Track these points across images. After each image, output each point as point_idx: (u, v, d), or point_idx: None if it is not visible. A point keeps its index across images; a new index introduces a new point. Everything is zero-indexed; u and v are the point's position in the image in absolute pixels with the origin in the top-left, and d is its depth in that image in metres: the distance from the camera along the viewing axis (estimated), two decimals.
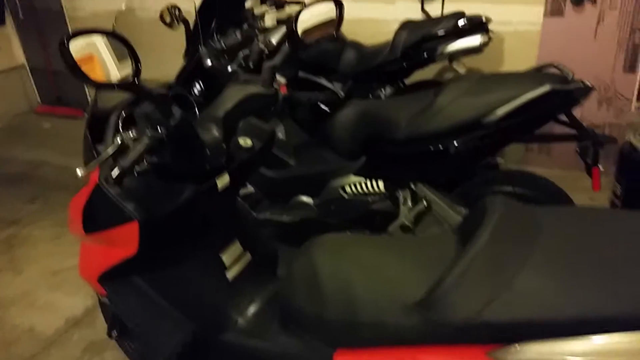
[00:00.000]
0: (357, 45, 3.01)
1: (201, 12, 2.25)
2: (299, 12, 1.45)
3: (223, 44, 2.33)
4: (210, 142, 1.26)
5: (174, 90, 1.44)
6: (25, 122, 4.85)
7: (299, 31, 1.43)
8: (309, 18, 1.47)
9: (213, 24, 2.30)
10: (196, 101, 1.45)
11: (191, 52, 2.30)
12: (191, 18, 2.24)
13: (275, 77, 1.41)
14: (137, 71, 1.06)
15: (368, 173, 2.13)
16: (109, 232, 1.24)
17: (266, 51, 2.24)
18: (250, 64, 2.16)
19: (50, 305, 2.42)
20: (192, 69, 2.25)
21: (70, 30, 4.49)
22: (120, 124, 1.18)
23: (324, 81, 2.92)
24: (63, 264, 2.65)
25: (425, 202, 2.04)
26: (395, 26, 2.81)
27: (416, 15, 3.10)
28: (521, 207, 1.06)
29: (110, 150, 1.07)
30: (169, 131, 1.12)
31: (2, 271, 2.68)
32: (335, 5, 1.50)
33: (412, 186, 2.08)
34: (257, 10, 2.79)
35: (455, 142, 1.88)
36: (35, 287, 2.54)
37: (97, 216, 1.26)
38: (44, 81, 4.92)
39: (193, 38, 2.25)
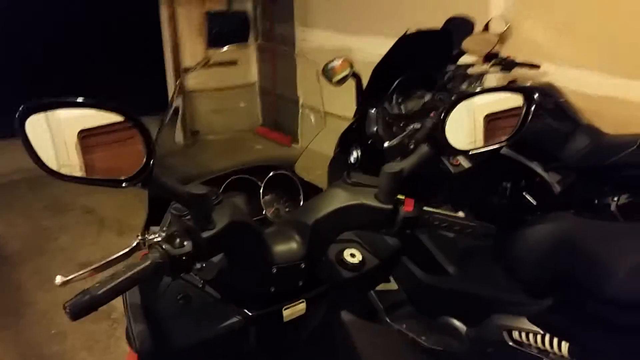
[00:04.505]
0: (594, 131, 2.25)
1: (383, 65, 1.82)
2: (453, 103, 0.89)
3: (402, 109, 1.88)
4: (283, 257, 0.86)
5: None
6: (243, 140, 5.11)
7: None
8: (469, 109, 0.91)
9: (396, 82, 1.86)
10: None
11: (361, 112, 1.90)
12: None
13: (398, 187, 0.89)
14: (149, 158, 0.69)
15: (550, 325, 1.45)
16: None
17: None
18: (411, 144, 1.62)
19: None
20: (355, 132, 1.85)
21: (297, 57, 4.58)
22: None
23: (536, 167, 2.26)
24: None
25: None
26: None
27: None
28: None
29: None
30: (198, 246, 0.75)
31: None
32: (524, 100, 0.91)
33: None
34: (474, 70, 2.25)
35: None
36: None
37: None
38: (267, 103, 5.15)
39: (364, 96, 1.84)
